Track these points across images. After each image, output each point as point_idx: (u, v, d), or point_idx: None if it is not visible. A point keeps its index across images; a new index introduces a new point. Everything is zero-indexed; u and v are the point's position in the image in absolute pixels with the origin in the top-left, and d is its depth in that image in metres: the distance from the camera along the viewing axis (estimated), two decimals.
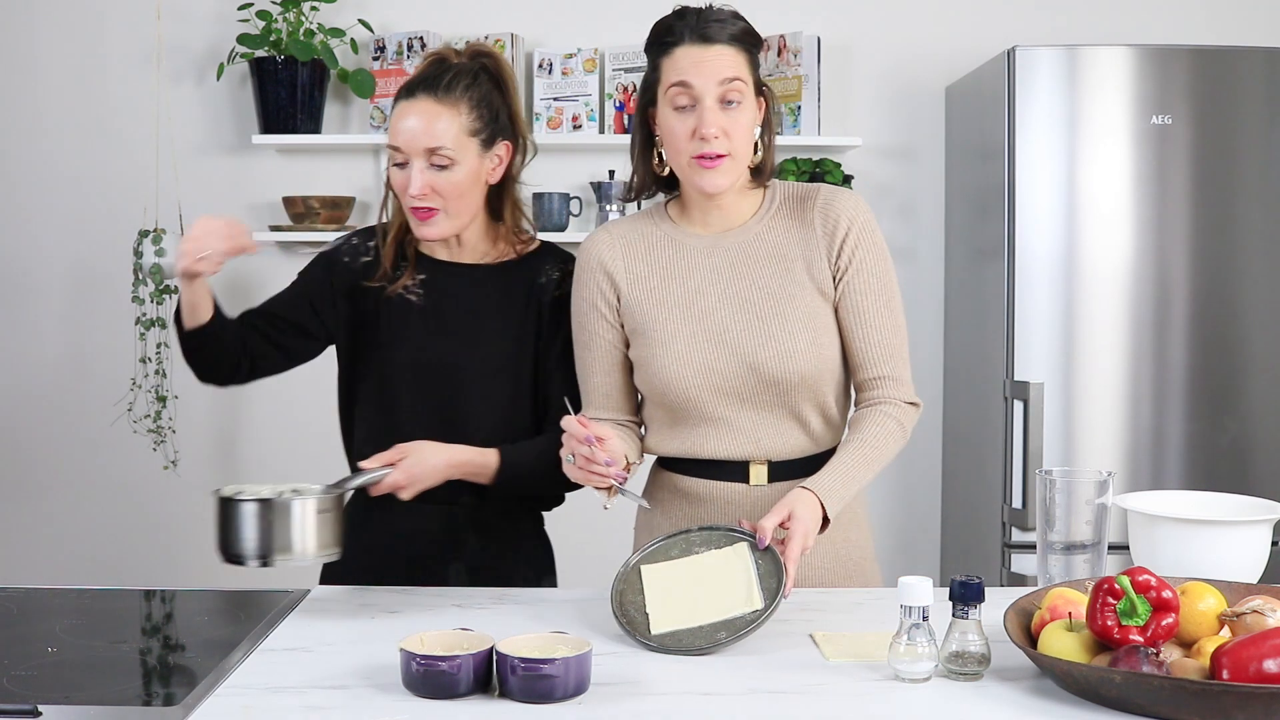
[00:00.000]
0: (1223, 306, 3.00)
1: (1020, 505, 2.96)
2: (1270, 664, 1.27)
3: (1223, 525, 1.74)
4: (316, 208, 3.42)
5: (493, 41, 3.40)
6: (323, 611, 1.73)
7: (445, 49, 1.97)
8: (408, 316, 1.96)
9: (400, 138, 1.88)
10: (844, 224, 1.85)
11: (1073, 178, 2.97)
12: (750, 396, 1.83)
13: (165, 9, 3.49)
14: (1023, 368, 2.98)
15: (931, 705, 1.37)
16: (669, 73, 1.80)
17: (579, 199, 3.51)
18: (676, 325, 1.84)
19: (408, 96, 1.91)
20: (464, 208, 1.91)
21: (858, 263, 1.84)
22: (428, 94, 1.89)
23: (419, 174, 1.87)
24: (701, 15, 1.80)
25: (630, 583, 1.67)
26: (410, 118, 1.88)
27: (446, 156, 1.87)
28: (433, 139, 1.86)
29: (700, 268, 1.87)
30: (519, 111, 1.98)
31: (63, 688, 1.42)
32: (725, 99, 1.77)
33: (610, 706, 1.35)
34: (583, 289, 1.91)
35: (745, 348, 1.81)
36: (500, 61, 1.97)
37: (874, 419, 1.84)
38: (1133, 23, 3.50)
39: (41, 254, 3.54)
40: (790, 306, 1.83)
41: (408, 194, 1.88)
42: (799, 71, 3.38)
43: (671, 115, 1.80)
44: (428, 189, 1.87)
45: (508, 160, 1.95)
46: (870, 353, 1.85)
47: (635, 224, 1.95)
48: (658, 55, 1.83)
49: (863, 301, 1.84)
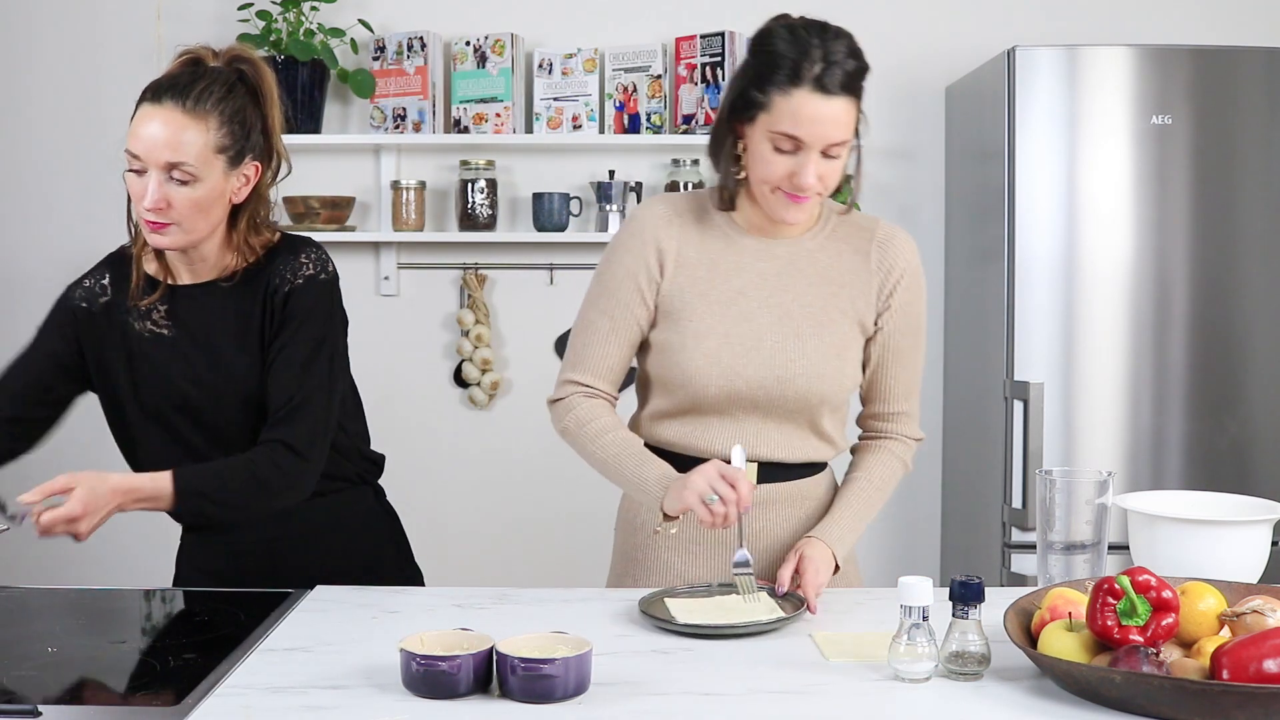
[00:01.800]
0: (1223, 306, 3.00)
1: (1020, 505, 2.96)
2: (1270, 664, 1.27)
3: (1223, 525, 1.74)
4: (316, 208, 3.42)
5: (492, 41, 3.41)
6: (323, 611, 1.73)
7: (201, 49, 1.82)
8: (160, 350, 1.84)
9: (139, 145, 1.73)
10: (900, 267, 1.88)
11: (1073, 178, 2.97)
12: (765, 405, 1.83)
13: (165, 9, 3.50)
14: (1023, 368, 2.98)
15: (931, 705, 1.38)
16: (780, 117, 1.71)
17: (579, 199, 3.51)
18: (713, 322, 1.83)
19: (154, 100, 1.74)
20: (200, 225, 1.78)
21: (904, 306, 1.88)
22: (176, 102, 1.73)
23: (155, 186, 1.72)
24: (827, 57, 1.70)
25: (653, 605, 1.70)
26: (153, 125, 1.73)
27: (188, 173, 1.73)
28: (174, 153, 1.72)
29: (747, 270, 1.86)
30: (275, 126, 1.84)
31: (63, 688, 1.42)
32: (828, 153, 1.74)
33: (610, 706, 1.35)
34: (627, 257, 1.86)
35: (776, 360, 1.82)
36: (260, 70, 1.83)
37: (881, 459, 1.90)
38: (1133, 23, 3.50)
39: (41, 254, 3.54)
40: (828, 329, 1.84)
41: (142, 204, 1.75)
42: None
43: (769, 150, 1.74)
44: (163, 202, 1.73)
45: (255, 180, 1.82)
46: (895, 390, 1.90)
47: (692, 206, 1.90)
48: (771, 86, 1.71)
49: (901, 342, 1.88)
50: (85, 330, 1.87)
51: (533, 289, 3.58)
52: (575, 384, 1.87)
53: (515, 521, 3.58)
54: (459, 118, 3.46)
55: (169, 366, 1.84)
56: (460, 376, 3.55)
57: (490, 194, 3.45)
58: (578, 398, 1.86)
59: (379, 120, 3.46)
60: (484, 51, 3.43)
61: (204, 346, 1.84)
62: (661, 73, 3.44)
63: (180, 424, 1.85)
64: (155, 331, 1.85)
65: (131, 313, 1.86)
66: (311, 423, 1.80)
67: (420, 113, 3.43)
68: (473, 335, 3.52)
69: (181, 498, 1.73)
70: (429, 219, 3.52)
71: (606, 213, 3.44)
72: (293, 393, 1.79)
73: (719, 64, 3.39)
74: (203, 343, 1.84)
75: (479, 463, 3.59)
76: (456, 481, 3.59)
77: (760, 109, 1.73)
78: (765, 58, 1.73)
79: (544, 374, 3.59)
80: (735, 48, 3.40)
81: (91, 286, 1.89)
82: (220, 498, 1.75)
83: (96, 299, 1.88)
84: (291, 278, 1.83)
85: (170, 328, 1.85)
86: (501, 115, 3.43)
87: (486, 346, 3.52)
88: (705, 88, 3.40)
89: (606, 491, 1.90)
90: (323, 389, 1.82)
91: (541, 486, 3.58)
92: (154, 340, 1.85)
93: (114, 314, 1.87)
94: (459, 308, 3.56)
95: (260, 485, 1.76)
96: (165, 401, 1.85)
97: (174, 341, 1.84)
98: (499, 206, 3.50)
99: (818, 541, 1.78)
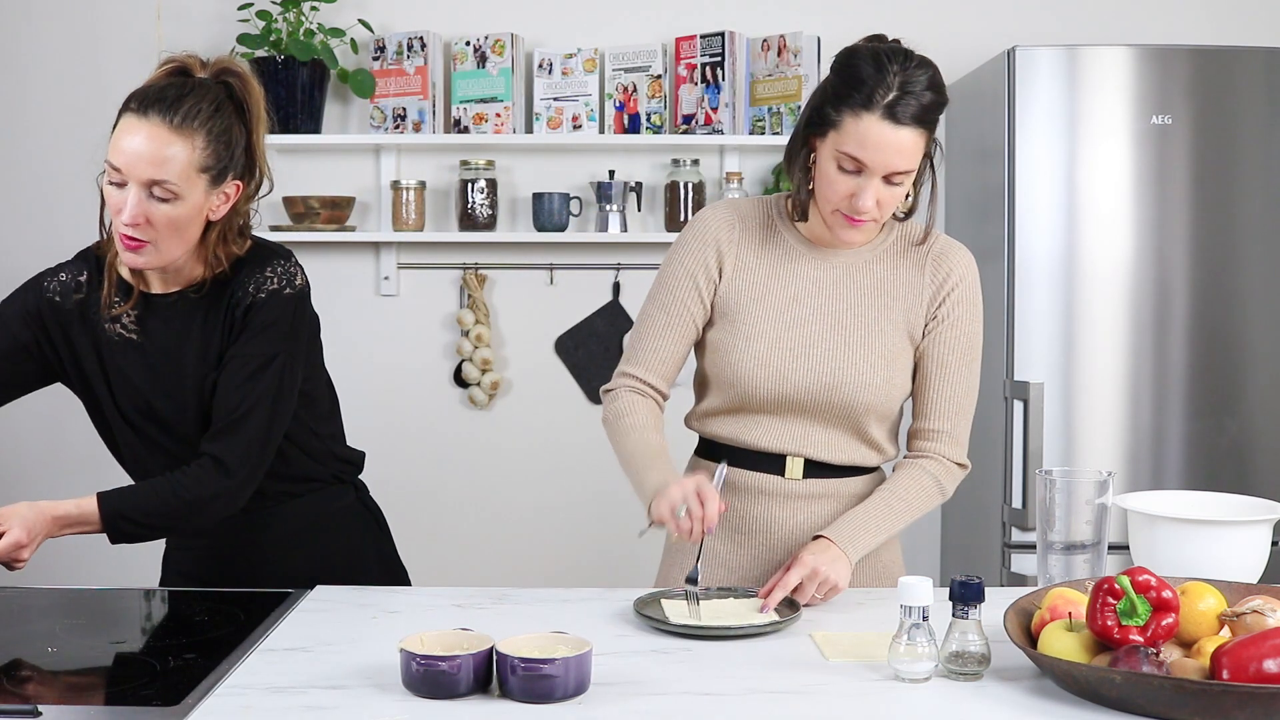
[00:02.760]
0: (1223, 306, 3.00)
1: (1020, 505, 2.96)
2: (1270, 664, 1.27)
3: (1223, 525, 1.74)
4: (316, 208, 3.42)
5: (492, 41, 3.41)
6: (323, 611, 1.73)
7: (189, 59, 1.78)
8: (128, 356, 1.82)
9: (121, 158, 1.70)
10: (954, 279, 1.89)
11: (1073, 178, 2.97)
12: (813, 408, 1.86)
13: (165, 9, 3.50)
14: (1023, 368, 2.98)
15: (931, 705, 1.38)
16: (848, 137, 1.73)
17: (579, 199, 3.51)
18: (765, 326, 1.86)
19: (140, 113, 1.70)
20: (175, 246, 1.75)
21: (954, 318, 1.88)
22: (163, 117, 1.69)
23: (135, 202, 1.70)
24: (904, 86, 1.72)
25: (648, 604, 1.71)
26: (137, 139, 1.69)
27: (169, 190, 1.70)
28: (158, 170, 1.69)
29: (802, 277, 1.88)
30: (259, 143, 1.80)
31: (63, 688, 1.42)
32: (891, 180, 1.75)
33: (610, 706, 1.35)
34: (687, 256, 1.90)
35: (825, 368, 1.84)
36: (248, 84, 1.79)
37: (912, 475, 1.89)
38: (1133, 23, 3.50)
39: (41, 254, 3.53)
40: (879, 340, 1.86)
41: (120, 218, 1.72)
42: (799, 71, 3.38)
43: (832, 168, 1.76)
44: (141, 218, 1.70)
45: (234, 199, 1.78)
46: (940, 405, 1.90)
47: (754, 211, 1.94)
48: (845, 106, 1.73)
49: (948, 355, 1.89)
50: (53, 324, 1.84)
51: (533, 289, 3.58)
52: (628, 376, 1.92)
53: (515, 521, 3.58)
54: (459, 118, 3.46)
55: (137, 374, 1.83)
56: (460, 376, 3.55)
57: (490, 194, 3.45)
58: (625, 391, 1.91)
59: (379, 120, 3.46)
60: (484, 51, 3.43)
61: (171, 357, 1.82)
62: (661, 73, 3.44)
63: (153, 431, 1.85)
64: (125, 336, 1.83)
65: (104, 314, 1.83)
66: (248, 439, 1.76)
67: (420, 113, 3.43)
68: (473, 335, 3.52)
69: (107, 521, 1.73)
70: (429, 219, 3.52)
71: (606, 213, 3.44)
72: (234, 406, 1.76)
73: (719, 64, 3.39)
74: (170, 353, 1.82)
75: (478, 463, 3.59)
76: (456, 481, 3.59)
77: (831, 127, 1.75)
78: (845, 77, 1.75)
79: (544, 374, 3.62)
80: (735, 48, 3.40)
81: (67, 281, 1.86)
82: (146, 521, 1.74)
83: (70, 294, 1.85)
84: (254, 291, 1.80)
85: (139, 334, 1.83)
86: (501, 115, 3.43)
87: (486, 346, 3.52)
88: (705, 88, 3.40)
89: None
90: (264, 404, 1.78)
91: (541, 486, 3.58)
92: (123, 345, 1.83)
93: (87, 312, 1.84)
94: (459, 308, 3.56)
95: (186, 506, 1.74)
96: (135, 411, 1.84)
97: (142, 349, 1.82)
98: (499, 206, 3.50)
99: (826, 545, 1.78)
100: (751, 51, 3.47)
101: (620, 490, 3.73)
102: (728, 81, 3.40)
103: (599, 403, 3.69)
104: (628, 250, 3.55)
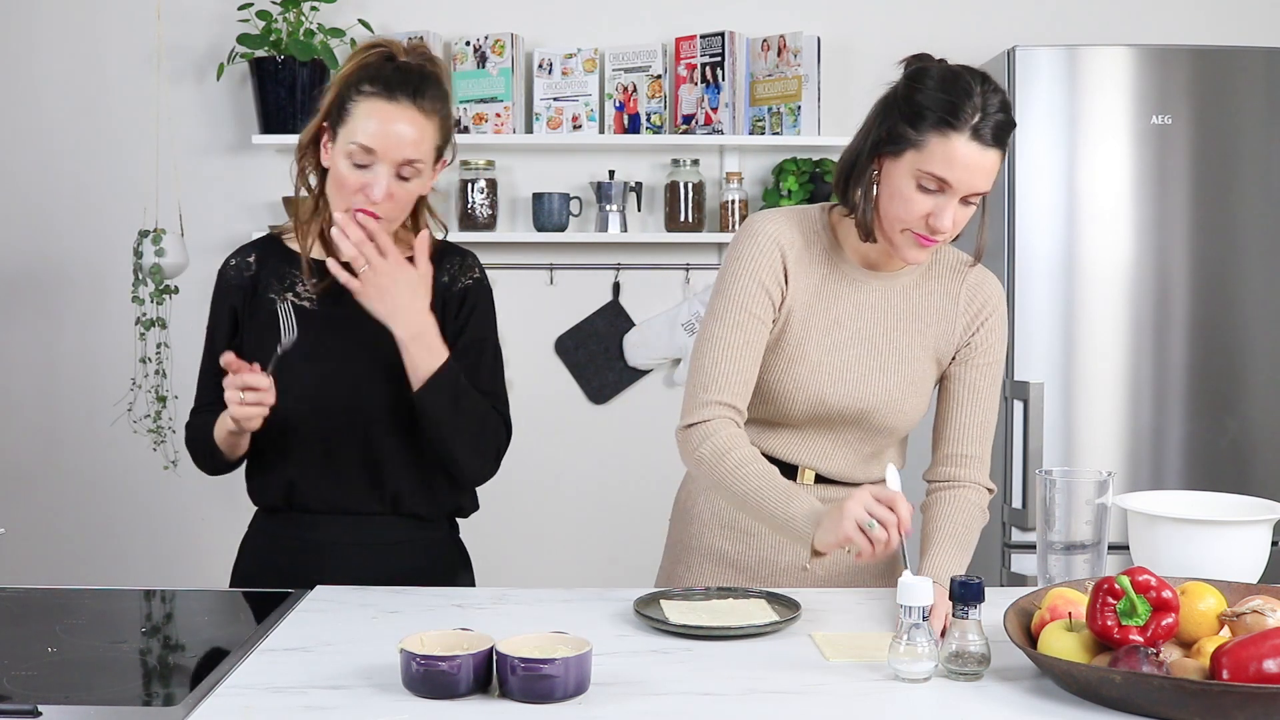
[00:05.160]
0: (1223, 306, 3.00)
1: (1020, 505, 2.96)
2: (1270, 664, 1.27)
3: (1223, 525, 1.74)
4: None
5: (492, 41, 3.41)
6: (323, 611, 1.73)
7: (393, 43, 1.83)
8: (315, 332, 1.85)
9: (381, 141, 1.75)
10: (988, 310, 1.91)
11: (1073, 178, 2.97)
12: (839, 428, 1.88)
13: (165, 9, 3.49)
14: (1023, 368, 2.98)
15: (931, 705, 1.37)
16: (933, 157, 1.70)
17: (579, 199, 3.51)
18: (807, 349, 1.85)
19: (388, 97, 1.76)
20: (401, 217, 1.84)
21: (986, 346, 1.90)
22: (411, 101, 1.77)
23: (385, 180, 1.76)
24: (985, 108, 1.71)
25: (648, 604, 1.71)
26: (400, 124, 1.76)
27: (417, 169, 1.78)
28: (414, 150, 1.77)
29: (844, 299, 1.87)
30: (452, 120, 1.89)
31: (63, 688, 1.42)
32: (967, 200, 1.75)
33: (610, 706, 1.35)
34: (753, 264, 1.83)
35: (859, 393, 1.85)
36: (444, 69, 1.87)
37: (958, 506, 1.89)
38: (1133, 23, 3.50)
39: (41, 254, 3.54)
40: (912, 367, 1.88)
41: (367, 195, 1.76)
42: (799, 71, 3.38)
43: (911, 188, 1.73)
44: (389, 197, 1.77)
45: (440, 171, 1.87)
46: (970, 430, 1.90)
47: (803, 223, 1.88)
48: (928, 125, 1.70)
49: (980, 381, 1.90)
50: (238, 299, 1.91)
51: (532, 289, 3.58)
52: (720, 404, 1.80)
53: (515, 521, 3.58)
54: (459, 118, 3.46)
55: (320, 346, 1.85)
56: None
57: (490, 194, 3.45)
58: (718, 423, 1.79)
59: None
60: (484, 51, 3.43)
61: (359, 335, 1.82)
62: (661, 73, 3.44)
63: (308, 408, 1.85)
64: (309, 310, 1.87)
65: (272, 287, 1.89)
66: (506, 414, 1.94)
67: None
68: None
69: (440, 375, 1.79)
70: None
71: (606, 213, 3.44)
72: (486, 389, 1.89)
73: (719, 64, 3.39)
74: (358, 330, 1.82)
75: None
76: None
77: (911, 146, 1.71)
78: (925, 96, 1.72)
79: (544, 374, 3.62)
80: (735, 48, 3.40)
81: (238, 264, 1.93)
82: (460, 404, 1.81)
83: (243, 274, 1.92)
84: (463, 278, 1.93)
85: (329, 307, 1.87)
86: (501, 115, 3.43)
87: None
88: (705, 88, 3.40)
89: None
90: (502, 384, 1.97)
91: (541, 487, 3.58)
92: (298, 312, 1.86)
93: (259, 289, 1.90)
94: None
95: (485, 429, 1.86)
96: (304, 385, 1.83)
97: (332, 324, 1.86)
98: (499, 206, 3.50)
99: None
100: (751, 51, 3.47)
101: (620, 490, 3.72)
102: (728, 81, 3.40)
103: (599, 403, 3.72)
104: (628, 250, 3.55)
